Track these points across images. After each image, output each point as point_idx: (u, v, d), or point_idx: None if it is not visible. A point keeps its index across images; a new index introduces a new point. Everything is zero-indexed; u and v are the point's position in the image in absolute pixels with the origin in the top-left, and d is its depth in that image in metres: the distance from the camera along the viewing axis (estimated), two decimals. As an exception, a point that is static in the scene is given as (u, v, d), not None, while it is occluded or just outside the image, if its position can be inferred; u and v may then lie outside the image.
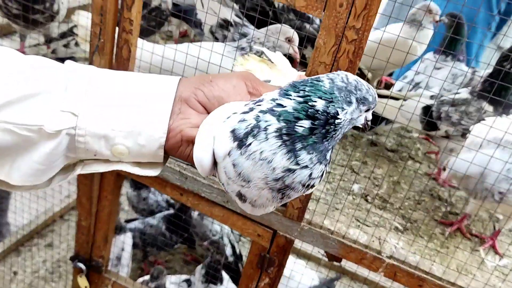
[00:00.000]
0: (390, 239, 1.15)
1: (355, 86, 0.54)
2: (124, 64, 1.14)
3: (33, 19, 1.35)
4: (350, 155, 1.53)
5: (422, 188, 1.45)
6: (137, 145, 0.58)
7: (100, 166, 0.61)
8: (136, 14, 1.08)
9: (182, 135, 0.58)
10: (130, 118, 0.57)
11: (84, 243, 1.41)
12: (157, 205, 2.31)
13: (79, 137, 0.56)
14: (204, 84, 0.61)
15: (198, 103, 0.60)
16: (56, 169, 0.59)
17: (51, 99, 0.55)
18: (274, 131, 0.50)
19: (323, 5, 0.91)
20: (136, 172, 0.62)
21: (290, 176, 0.51)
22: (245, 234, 1.22)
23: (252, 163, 0.51)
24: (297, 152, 0.50)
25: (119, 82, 0.59)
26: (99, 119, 0.56)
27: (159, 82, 0.60)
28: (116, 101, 0.57)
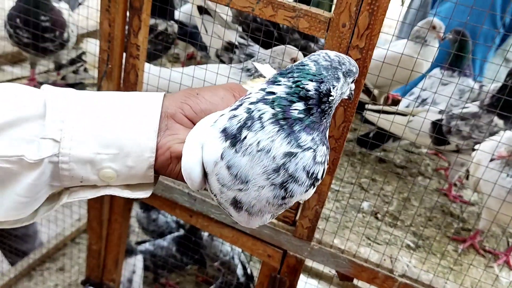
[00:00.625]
0: (402, 257, 1.14)
1: (339, 61, 0.53)
2: (132, 88, 1.16)
3: (43, 47, 1.38)
4: (358, 172, 1.53)
5: (433, 204, 1.44)
6: (125, 167, 0.55)
7: (87, 192, 0.58)
8: (142, 39, 1.11)
9: (171, 152, 0.56)
10: (115, 139, 0.54)
11: (95, 267, 1.41)
12: (167, 226, 2.31)
13: (63, 164, 0.53)
14: (190, 98, 0.59)
15: (185, 118, 0.58)
16: (40, 200, 0.56)
17: (30, 126, 0.52)
18: (269, 118, 0.48)
19: (326, 26, 0.92)
20: (126, 195, 0.59)
21: (292, 161, 0.47)
22: (255, 255, 1.21)
23: (249, 158, 0.48)
24: (296, 134, 0.48)
25: (101, 103, 0.56)
26: (83, 143, 0.53)
27: (143, 100, 0.58)
28: (99, 123, 0.54)
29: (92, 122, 0.54)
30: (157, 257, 2.10)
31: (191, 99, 0.59)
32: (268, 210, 0.52)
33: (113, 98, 0.57)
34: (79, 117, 0.54)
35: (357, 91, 0.96)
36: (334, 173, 1.04)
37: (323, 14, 0.92)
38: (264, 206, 0.51)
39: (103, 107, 0.56)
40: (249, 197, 0.50)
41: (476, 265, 1.20)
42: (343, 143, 1.01)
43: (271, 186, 0.48)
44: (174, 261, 2.11)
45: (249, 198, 0.50)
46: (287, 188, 0.49)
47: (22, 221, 0.57)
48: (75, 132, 0.53)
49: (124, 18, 1.10)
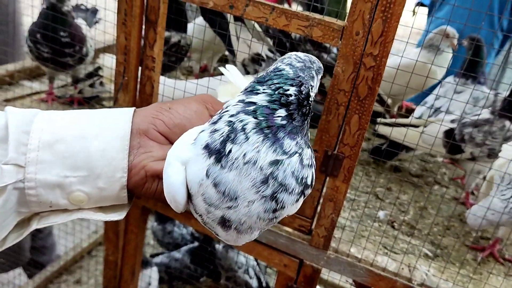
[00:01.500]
0: (421, 266, 1.13)
1: (309, 60, 0.53)
2: (148, 100, 1.18)
3: (63, 62, 1.41)
4: (373, 181, 1.52)
5: (450, 213, 1.42)
6: (96, 190, 0.53)
7: (58, 217, 0.55)
8: (158, 51, 1.12)
9: (146, 171, 0.53)
10: (84, 160, 0.51)
11: (112, 278, 1.42)
12: (182, 238, 2.31)
13: (30, 190, 0.50)
14: (162, 113, 0.56)
15: (158, 134, 0.55)
16: (8, 228, 0.52)
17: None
18: (253, 128, 0.46)
19: (339, 34, 0.93)
20: (99, 218, 0.56)
21: (280, 169, 0.46)
22: (271, 265, 1.20)
23: (237, 172, 0.46)
24: (281, 141, 0.46)
25: (68, 123, 0.53)
26: (49, 167, 0.50)
27: (111, 117, 0.55)
28: (66, 144, 0.51)
29: (58, 143, 0.51)
30: (171, 269, 2.11)
31: (164, 113, 0.56)
32: (258, 226, 0.50)
33: (81, 117, 0.55)
34: (43, 138, 0.51)
35: (371, 98, 0.96)
36: (350, 181, 1.04)
37: (337, 22, 0.93)
38: (255, 222, 0.49)
39: (70, 127, 0.53)
40: (239, 214, 0.48)
41: (496, 273, 1.18)
42: (358, 151, 1.01)
43: (262, 200, 0.47)
44: (189, 273, 2.11)
45: (239, 215, 0.48)
46: (278, 198, 0.47)
47: None
48: (40, 155, 0.50)
49: (139, 31, 1.12)
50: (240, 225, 0.49)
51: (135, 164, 0.54)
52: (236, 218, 0.48)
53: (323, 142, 1.03)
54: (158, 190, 0.55)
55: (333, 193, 1.05)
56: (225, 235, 0.51)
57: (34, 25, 1.38)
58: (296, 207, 0.52)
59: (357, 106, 0.97)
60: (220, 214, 0.48)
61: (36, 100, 1.54)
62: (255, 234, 0.52)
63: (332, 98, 0.99)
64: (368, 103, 0.96)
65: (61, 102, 1.55)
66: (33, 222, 0.55)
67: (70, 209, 0.55)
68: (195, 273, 2.14)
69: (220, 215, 0.49)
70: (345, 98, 0.98)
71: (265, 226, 0.51)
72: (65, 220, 0.55)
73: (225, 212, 0.48)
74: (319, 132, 1.02)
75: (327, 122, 1.01)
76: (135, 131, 0.54)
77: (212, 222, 0.50)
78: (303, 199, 0.51)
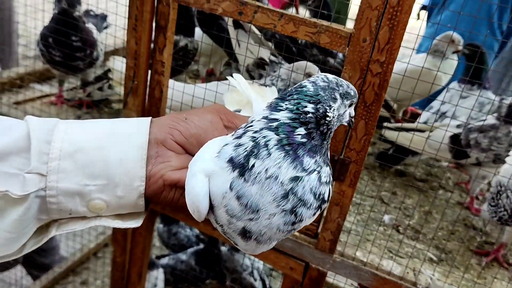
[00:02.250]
0: (425, 270, 1.14)
1: (336, 83, 0.54)
2: (157, 104, 1.19)
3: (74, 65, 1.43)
4: (379, 185, 1.53)
5: (454, 217, 1.43)
6: (115, 198, 0.54)
7: (77, 224, 0.56)
8: (167, 56, 1.14)
9: (164, 180, 0.55)
10: (103, 169, 0.53)
11: (119, 280, 1.44)
12: (188, 240, 2.32)
13: (51, 198, 0.51)
14: (179, 123, 0.58)
15: (175, 144, 0.57)
16: (28, 234, 0.54)
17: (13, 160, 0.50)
18: (275, 144, 0.48)
19: (346, 41, 0.94)
20: (117, 225, 0.57)
21: (299, 185, 0.48)
22: (278, 268, 1.22)
23: (259, 186, 0.48)
24: (301, 159, 0.49)
25: (86, 132, 0.55)
26: (70, 176, 0.52)
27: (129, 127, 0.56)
28: (86, 153, 0.53)
29: (78, 153, 0.52)
30: (177, 271, 2.12)
31: (180, 124, 0.58)
32: (277, 237, 0.52)
33: (99, 126, 0.56)
34: (64, 148, 0.52)
35: (378, 104, 0.97)
36: (356, 186, 1.05)
37: (344, 29, 0.94)
38: (274, 234, 0.51)
39: (90, 137, 0.54)
40: (260, 226, 0.50)
41: (500, 278, 1.19)
42: (365, 156, 1.02)
43: (282, 213, 0.49)
44: (194, 275, 2.13)
45: (260, 227, 0.50)
46: (297, 212, 0.49)
47: (10, 256, 0.55)
48: (61, 164, 0.52)
49: (149, 36, 1.14)
50: (260, 236, 0.51)
51: (153, 173, 0.55)
52: (257, 230, 0.50)
53: (330, 147, 1.04)
54: (175, 198, 0.56)
55: (339, 198, 1.07)
56: (245, 245, 0.53)
57: (46, 29, 1.40)
58: (312, 219, 0.54)
59: (363, 111, 0.99)
60: (242, 225, 0.50)
61: (46, 103, 1.56)
62: (273, 244, 0.54)
63: (339, 104, 1.00)
64: (374, 109, 0.98)
65: (70, 105, 1.57)
66: (52, 229, 0.56)
67: (89, 217, 0.56)
68: (201, 275, 2.15)
69: (242, 226, 0.51)
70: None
71: (283, 237, 0.53)
72: (84, 227, 0.57)
73: (246, 224, 0.50)
74: (326, 137, 1.03)
75: (333, 127, 1.02)
76: (153, 141, 0.56)
77: (233, 233, 0.52)
78: (319, 212, 0.53)
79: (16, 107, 1.48)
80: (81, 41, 1.40)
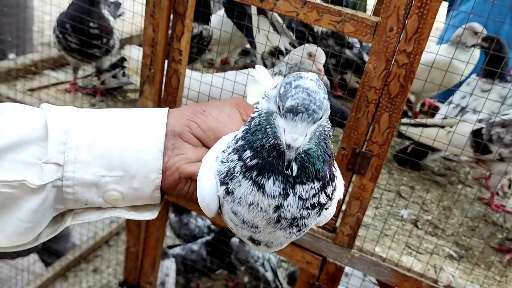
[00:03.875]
0: (447, 267, 1.11)
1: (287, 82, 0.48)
2: (173, 93, 1.17)
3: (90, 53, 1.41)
4: (396, 179, 1.50)
5: (474, 213, 1.40)
6: (131, 189, 0.53)
7: (92, 214, 0.56)
8: (185, 44, 1.12)
9: (180, 173, 0.54)
10: (120, 161, 0.52)
11: (133, 269, 1.43)
12: (199, 230, 2.32)
13: (67, 188, 0.51)
14: (197, 115, 0.57)
15: (193, 136, 0.56)
16: (44, 224, 0.53)
17: (31, 150, 0.50)
18: (240, 172, 0.47)
19: (372, 30, 0.91)
20: (132, 217, 0.57)
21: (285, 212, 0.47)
22: (294, 261, 1.20)
23: (246, 209, 0.47)
24: (265, 187, 0.46)
25: (103, 122, 0.54)
26: (87, 167, 0.51)
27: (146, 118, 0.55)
28: (102, 144, 0.52)
29: (96, 144, 0.52)
30: (188, 261, 2.11)
31: (198, 116, 0.57)
32: (287, 242, 0.52)
33: (117, 117, 0.55)
34: (81, 138, 0.52)
35: (403, 96, 0.94)
36: (377, 180, 1.03)
37: (370, 18, 0.91)
38: (282, 241, 0.51)
39: (107, 128, 0.53)
40: (265, 237, 0.50)
41: (523, 277, 1.16)
42: (387, 149, 0.99)
43: (281, 230, 0.48)
44: (205, 265, 2.12)
45: (265, 238, 0.50)
46: (298, 224, 0.48)
47: (25, 245, 0.55)
48: (79, 154, 0.51)
49: (167, 23, 1.11)
50: (269, 243, 0.51)
51: (169, 165, 0.54)
52: (264, 240, 0.50)
53: (351, 140, 1.01)
54: (190, 191, 0.55)
55: (359, 192, 1.04)
56: (257, 248, 0.53)
57: (64, 16, 1.38)
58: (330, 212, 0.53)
59: (387, 104, 0.96)
60: (248, 234, 0.50)
61: (60, 90, 1.55)
62: (286, 245, 0.54)
63: (362, 96, 0.97)
64: (399, 101, 0.95)
65: (84, 93, 1.56)
66: (67, 218, 0.56)
67: (104, 207, 0.56)
68: (211, 265, 2.14)
69: (248, 235, 0.51)
70: (375, 96, 0.96)
71: (295, 239, 0.52)
72: (99, 218, 0.56)
73: (252, 234, 0.50)
74: (348, 129, 1.00)
75: (356, 120, 0.99)
76: (170, 133, 0.55)
77: (243, 237, 0.52)
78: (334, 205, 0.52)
79: (31, 94, 1.47)
80: (99, 28, 1.38)
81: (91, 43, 1.37)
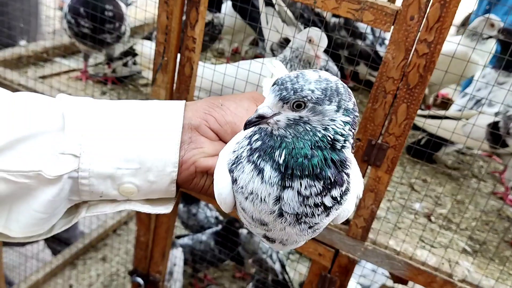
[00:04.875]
0: (463, 261, 1.09)
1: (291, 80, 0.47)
2: (186, 81, 1.16)
3: (100, 39, 1.40)
4: (409, 172, 1.48)
5: (489, 208, 1.38)
6: (146, 182, 0.53)
7: (106, 206, 0.56)
8: (199, 32, 1.10)
9: (196, 167, 0.54)
10: (136, 153, 0.52)
11: (143, 258, 1.43)
12: (207, 221, 2.32)
13: (83, 180, 0.51)
14: (214, 109, 0.56)
15: (209, 130, 0.55)
16: (58, 215, 0.53)
17: (48, 141, 0.49)
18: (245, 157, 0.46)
19: (392, 19, 0.89)
20: (147, 210, 0.56)
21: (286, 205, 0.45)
22: (306, 253, 1.19)
23: (250, 204, 0.47)
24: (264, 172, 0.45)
25: (119, 114, 0.53)
26: (103, 158, 0.51)
27: (163, 110, 0.55)
28: (119, 136, 0.52)
29: (112, 136, 0.51)
30: (195, 251, 2.11)
31: (216, 110, 0.56)
32: (302, 240, 0.51)
33: (132, 108, 0.55)
34: (98, 130, 0.51)
35: (422, 87, 0.92)
36: (393, 172, 1.01)
37: (390, 6, 0.89)
38: (296, 239, 0.50)
39: (123, 119, 0.53)
40: (278, 235, 0.49)
41: (538, 273, 1.14)
42: (404, 141, 0.98)
43: (290, 226, 0.47)
44: (213, 255, 2.12)
45: (278, 236, 0.49)
46: (305, 221, 0.47)
47: (39, 236, 0.55)
48: (95, 146, 0.51)
49: (181, 10, 1.10)
50: (284, 241, 0.50)
51: (185, 159, 0.53)
52: (278, 237, 0.50)
53: (367, 131, 0.99)
54: (206, 185, 0.55)
55: (374, 184, 1.03)
56: (273, 246, 0.52)
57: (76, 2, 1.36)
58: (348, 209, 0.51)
59: (405, 94, 0.94)
60: (262, 232, 0.50)
61: (72, 78, 1.54)
62: (303, 242, 0.53)
63: (380, 86, 0.95)
64: (418, 92, 0.93)
65: (95, 81, 1.55)
66: (81, 210, 0.55)
67: (119, 200, 0.55)
68: (219, 255, 2.14)
69: (262, 233, 0.50)
70: (393, 86, 0.94)
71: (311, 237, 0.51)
72: (113, 210, 0.56)
73: (265, 232, 0.49)
74: (364, 120, 0.99)
75: (373, 111, 0.98)
76: (187, 126, 0.54)
77: (258, 235, 0.51)
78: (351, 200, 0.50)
79: (42, 81, 1.46)
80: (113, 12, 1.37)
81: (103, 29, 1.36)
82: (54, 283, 2.05)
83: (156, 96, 1.19)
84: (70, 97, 0.54)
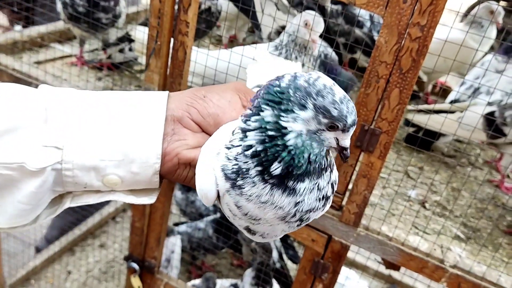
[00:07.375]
0: (455, 247, 1.09)
1: (319, 90, 0.44)
2: (180, 66, 1.15)
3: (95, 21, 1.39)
4: (405, 160, 1.48)
5: (484, 195, 1.38)
6: (130, 174, 0.53)
7: (91, 197, 0.56)
8: (192, 16, 1.09)
9: (179, 158, 0.54)
10: (119, 145, 0.52)
11: (138, 244, 1.43)
12: (205, 208, 2.32)
13: (66, 171, 0.51)
14: (197, 101, 0.56)
15: (192, 122, 0.55)
16: (43, 205, 0.54)
17: (31, 133, 0.49)
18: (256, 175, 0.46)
19: (385, 2, 0.88)
20: (131, 201, 0.57)
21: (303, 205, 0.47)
22: (299, 239, 1.19)
23: (255, 206, 0.47)
24: (291, 188, 0.46)
25: (103, 105, 0.53)
26: (86, 150, 0.51)
27: (146, 101, 0.55)
28: (102, 128, 0.52)
29: (95, 128, 0.52)
30: (193, 239, 2.12)
31: (198, 102, 0.56)
32: (283, 234, 0.53)
33: (115, 100, 0.55)
34: (81, 121, 0.52)
35: (415, 72, 0.92)
36: (386, 158, 1.01)
37: (383, -11, 0.88)
38: (279, 234, 0.52)
39: (106, 111, 0.53)
40: (262, 229, 0.50)
41: (531, 259, 1.14)
42: (397, 126, 0.97)
43: (287, 223, 0.49)
44: (211, 242, 2.13)
45: (263, 229, 0.50)
46: (303, 218, 0.49)
47: (24, 226, 0.55)
48: (78, 138, 0.51)
49: (174, -6, 1.09)
50: (265, 235, 0.52)
51: (168, 151, 0.54)
52: (261, 230, 0.51)
53: (360, 116, 0.99)
54: (189, 176, 0.55)
55: (367, 169, 1.02)
56: (251, 237, 0.53)
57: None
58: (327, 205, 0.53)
59: (398, 79, 0.93)
60: (245, 224, 0.51)
61: (67, 64, 1.53)
62: (280, 236, 0.54)
63: (373, 70, 0.94)
64: (410, 77, 0.92)
65: (91, 67, 1.54)
66: (66, 200, 0.56)
67: (103, 190, 0.56)
68: (217, 243, 2.15)
69: (245, 225, 0.51)
70: (386, 71, 0.93)
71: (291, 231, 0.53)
72: (97, 200, 0.56)
73: (249, 224, 0.50)
74: (357, 105, 0.98)
75: (365, 95, 0.97)
76: (170, 118, 0.55)
77: (239, 226, 0.52)
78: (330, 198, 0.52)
79: (37, 67, 1.46)
80: None
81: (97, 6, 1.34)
82: (52, 269, 2.07)
83: (150, 81, 1.19)
84: (52, 88, 0.54)
